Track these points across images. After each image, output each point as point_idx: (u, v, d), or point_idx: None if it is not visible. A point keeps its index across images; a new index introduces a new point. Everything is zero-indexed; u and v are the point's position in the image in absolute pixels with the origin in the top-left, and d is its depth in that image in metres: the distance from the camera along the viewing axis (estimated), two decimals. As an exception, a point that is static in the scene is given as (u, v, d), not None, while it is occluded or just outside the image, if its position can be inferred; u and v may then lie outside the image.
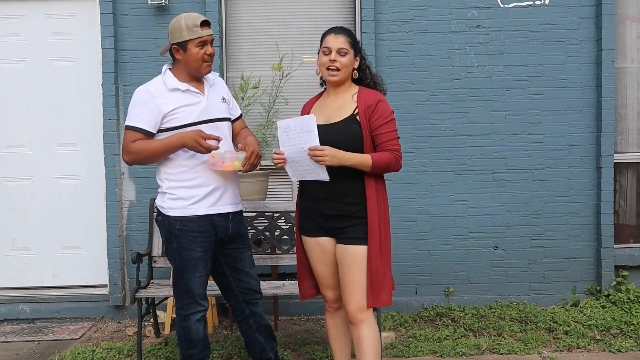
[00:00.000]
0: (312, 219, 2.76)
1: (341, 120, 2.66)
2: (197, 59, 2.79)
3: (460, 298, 4.58)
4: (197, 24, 2.76)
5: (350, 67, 2.70)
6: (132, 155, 2.79)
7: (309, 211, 2.77)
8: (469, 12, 4.55)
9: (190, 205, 2.79)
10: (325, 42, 2.69)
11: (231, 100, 3.06)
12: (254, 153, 2.81)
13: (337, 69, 2.66)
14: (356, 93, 2.73)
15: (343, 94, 2.74)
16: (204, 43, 2.78)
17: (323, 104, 2.78)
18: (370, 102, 2.65)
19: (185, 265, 2.81)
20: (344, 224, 2.68)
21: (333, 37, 2.67)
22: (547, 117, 4.58)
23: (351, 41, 2.69)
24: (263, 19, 4.67)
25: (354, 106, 2.68)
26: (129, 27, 4.53)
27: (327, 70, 2.67)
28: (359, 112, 2.65)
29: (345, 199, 2.66)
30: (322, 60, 2.69)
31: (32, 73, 4.63)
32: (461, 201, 4.58)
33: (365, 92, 2.72)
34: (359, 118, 2.64)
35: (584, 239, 4.61)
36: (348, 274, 2.67)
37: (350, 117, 2.65)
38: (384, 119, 2.65)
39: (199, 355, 2.90)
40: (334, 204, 2.67)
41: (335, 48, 2.65)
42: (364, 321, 2.67)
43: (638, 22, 4.69)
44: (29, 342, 4.11)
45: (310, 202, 2.75)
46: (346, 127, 2.64)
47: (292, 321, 4.44)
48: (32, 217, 4.69)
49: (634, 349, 3.69)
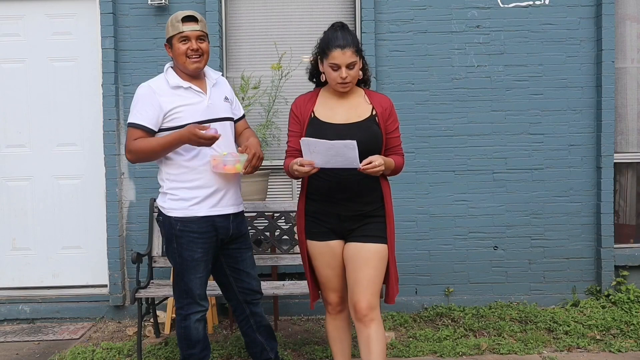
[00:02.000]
0: (323, 222, 2.72)
1: (363, 120, 2.67)
2: (180, 54, 2.78)
3: (460, 298, 4.58)
4: (179, 19, 2.77)
5: (357, 77, 2.71)
6: (134, 154, 2.79)
7: (319, 214, 2.72)
8: (469, 12, 4.55)
9: (191, 206, 2.78)
10: (332, 57, 2.60)
11: (234, 100, 3.06)
12: (256, 155, 2.81)
13: (348, 82, 2.66)
14: (364, 94, 2.76)
15: (352, 94, 2.75)
16: (186, 38, 2.77)
17: (330, 103, 2.74)
18: (385, 106, 2.72)
19: (185, 265, 2.81)
20: (358, 224, 2.67)
21: (340, 53, 2.59)
22: (547, 117, 4.58)
23: (356, 49, 2.64)
24: (263, 19, 4.67)
25: (370, 107, 2.71)
26: (129, 27, 4.52)
27: (338, 84, 2.65)
28: (378, 114, 2.69)
29: (363, 198, 2.66)
30: (331, 75, 2.64)
31: (32, 73, 4.63)
32: (461, 201, 4.58)
33: (375, 95, 2.78)
34: (378, 119, 2.69)
35: (584, 239, 4.61)
36: (361, 272, 2.63)
37: (371, 117, 2.68)
38: (396, 122, 2.75)
39: (199, 355, 2.90)
40: (351, 204, 2.66)
41: (344, 64, 2.61)
42: (374, 320, 2.64)
43: (638, 22, 4.69)
44: (29, 342, 4.11)
45: (321, 204, 2.71)
46: (369, 126, 2.66)
47: (292, 321, 4.44)
48: (32, 217, 4.69)
49: (634, 349, 3.69)
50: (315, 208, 2.72)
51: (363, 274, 2.63)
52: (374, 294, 2.64)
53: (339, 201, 2.66)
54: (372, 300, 2.64)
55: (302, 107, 2.77)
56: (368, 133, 2.64)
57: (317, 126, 2.69)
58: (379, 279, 2.68)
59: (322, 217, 2.71)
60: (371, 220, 2.67)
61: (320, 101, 2.77)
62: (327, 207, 2.69)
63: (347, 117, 2.68)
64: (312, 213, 2.74)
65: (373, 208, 2.68)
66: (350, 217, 2.67)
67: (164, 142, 2.74)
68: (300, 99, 2.82)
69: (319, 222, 2.72)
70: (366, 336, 2.64)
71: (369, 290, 2.63)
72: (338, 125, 2.65)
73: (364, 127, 2.65)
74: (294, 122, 2.79)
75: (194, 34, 2.78)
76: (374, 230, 2.66)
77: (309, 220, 2.75)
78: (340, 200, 2.66)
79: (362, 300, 2.63)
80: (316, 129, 2.67)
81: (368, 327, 2.64)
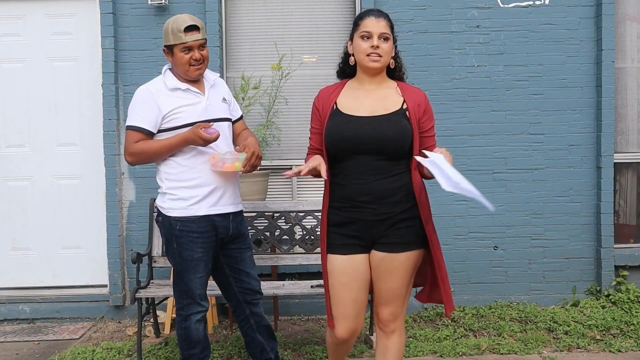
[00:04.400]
0: (347, 232, 2.42)
1: (390, 113, 2.39)
2: (182, 63, 2.78)
3: (460, 298, 4.58)
4: (181, 30, 2.74)
5: (390, 54, 2.44)
6: (134, 156, 2.79)
7: (342, 223, 2.42)
8: (469, 12, 4.55)
9: (190, 206, 2.78)
10: (364, 25, 2.39)
11: (232, 101, 3.06)
12: (255, 154, 2.81)
13: (380, 56, 2.38)
14: (397, 86, 2.49)
15: (383, 84, 2.48)
16: (189, 48, 2.76)
17: (356, 94, 2.46)
18: (419, 101, 2.45)
19: (185, 265, 2.81)
20: (388, 229, 2.39)
21: (374, 21, 2.38)
22: (547, 117, 4.58)
23: (391, 26, 2.43)
24: (263, 19, 4.67)
25: (401, 100, 2.43)
26: (129, 27, 4.52)
27: (367, 56, 2.38)
28: (409, 108, 2.42)
29: (391, 198, 2.38)
30: (361, 46, 2.38)
31: (32, 73, 4.63)
32: (461, 201, 4.58)
33: (410, 88, 2.50)
34: (409, 114, 2.41)
35: (584, 239, 4.61)
36: (385, 284, 2.42)
37: (400, 110, 2.41)
38: (432, 120, 2.50)
39: (199, 356, 2.91)
40: (377, 207, 2.37)
41: (377, 33, 2.37)
42: (396, 331, 2.48)
43: (638, 22, 4.69)
44: (29, 342, 4.10)
45: (345, 212, 2.42)
46: (397, 120, 2.38)
47: (292, 321, 4.44)
48: (32, 217, 4.69)
49: (634, 349, 3.69)
50: (340, 218, 2.43)
51: (387, 286, 2.42)
52: (398, 305, 2.46)
53: (365, 205, 2.37)
54: (396, 310, 2.46)
55: (324, 99, 2.50)
56: (396, 127, 2.36)
57: (339, 119, 2.42)
58: (405, 289, 2.46)
59: (346, 226, 2.42)
60: (402, 225, 2.39)
61: (346, 92, 2.50)
62: (352, 214, 2.40)
63: (373, 109, 2.40)
64: (336, 224, 2.44)
65: (404, 208, 2.39)
66: (379, 221, 2.38)
67: (168, 144, 2.75)
68: (324, 91, 2.55)
69: (343, 233, 2.43)
70: (384, 345, 2.50)
71: (395, 300, 2.44)
72: (361, 118, 2.38)
73: (391, 120, 2.37)
74: (315, 118, 2.52)
75: (197, 43, 2.77)
76: (403, 235, 2.39)
77: (332, 232, 2.45)
78: (365, 203, 2.37)
79: (384, 311, 2.46)
80: (336, 122, 2.41)
81: (388, 339, 2.49)
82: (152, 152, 2.76)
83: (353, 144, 2.37)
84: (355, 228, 2.41)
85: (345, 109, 2.44)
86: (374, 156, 2.37)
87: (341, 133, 2.39)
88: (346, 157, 2.40)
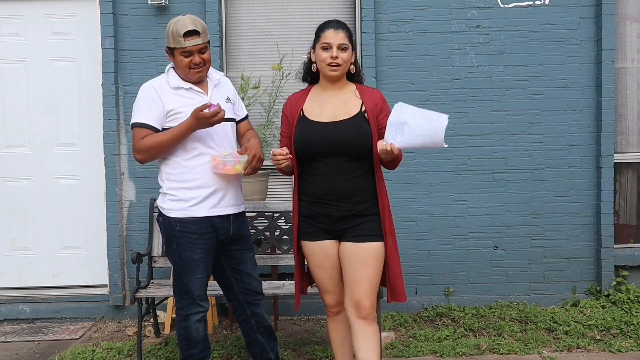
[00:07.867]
0: (315, 223, 2.70)
1: (351, 117, 2.62)
2: (182, 67, 2.78)
3: (460, 298, 4.58)
4: (181, 34, 2.72)
5: (349, 62, 2.67)
6: (144, 153, 2.77)
7: (311, 215, 2.70)
8: (469, 12, 4.55)
9: (190, 207, 2.78)
10: (324, 37, 2.62)
11: (237, 101, 3.05)
12: (256, 157, 2.81)
13: (339, 65, 2.62)
14: (355, 89, 2.71)
15: (343, 89, 2.71)
16: (189, 52, 2.75)
17: (320, 100, 2.71)
18: (377, 101, 2.67)
19: (185, 266, 2.81)
20: (351, 223, 2.64)
21: (333, 33, 2.61)
22: (547, 117, 4.58)
23: (349, 36, 2.65)
24: (263, 19, 4.67)
25: (359, 103, 2.66)
26: (129, 27, 4.52)
27: (328, 65, 2.62)
28: (367, 110, 2.64)
29: (354, 198, 2.62)
30: (321, 56, 2.62)
31: (32, 73, 4.63)
32: (461, 201, 4.58)
33: (367, 90, 2.72)
34: (367, 115, 2.63)
35: (584, 239, 4.61)
36: (359, 272, 2.62)
37: (359, 114, 2.63)
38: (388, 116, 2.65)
39: (199, 356, 2.90)
40: (341, 204, 2.62)
41: (336, 44, 2.60)
42: (375, 319, 2.67)
43: (638, 22, 4.69)
44: (29, 342, 4.11)
45: (312, 205, 2.69)
46: (357, 123, 2.61)
47: (292, 321, 4.44)
48: (32, 217, 4.69)
49: (634, 349, 3.69)
50: (307, 209, 2.70)
51: (360, 275, 2.62)
52: (374, 293, 2.66)
53: (329, 202, 2.63)
54: (373, 299, 2.65)
55: (292, 106, 2.75)
56: (356, 131, 2.59)
57: (305, 125, 2.66)
58: (377, 278, 2.67)
59: (313, 218, 2.69)
60: (365, 219, 2.63)
61: (311, 98, 2.74)
62: (317, 208, 2.67)
63: (335, 114, 2.64)
64: (305, 214, 2.72)
65: (365, 207, 2.64)
66: (342, 217, 2.63)
67: (174, 133, 2.72)
68: (291, 98, 2.80)
69: (311, 223, 2.70)
70: (362, 334, 2.64)
71: (367, 290, 2.63)
72: (325, 123, 2.62)
73: (352, 124, 2.61)
74: (284, 122, 2.78)
75: (196, 48, 2.76)
76: (368, 229, 2.62)
77: (302, 220, 2.74)
78: (330, 201, 2.63)
79: (365, 299, 2.62)
80: (302, 128, 2.65)
81: (372, 325, 2.65)
82: (160, 144, 2.74)
83: (318, 149, 2.62)
84: (322, 221, 2.68)
85: (310, 115, 2.68)
86: (338, 158, 2.61)
87: (307, 139, 2.64)
88: (313, 159, 2.65)
